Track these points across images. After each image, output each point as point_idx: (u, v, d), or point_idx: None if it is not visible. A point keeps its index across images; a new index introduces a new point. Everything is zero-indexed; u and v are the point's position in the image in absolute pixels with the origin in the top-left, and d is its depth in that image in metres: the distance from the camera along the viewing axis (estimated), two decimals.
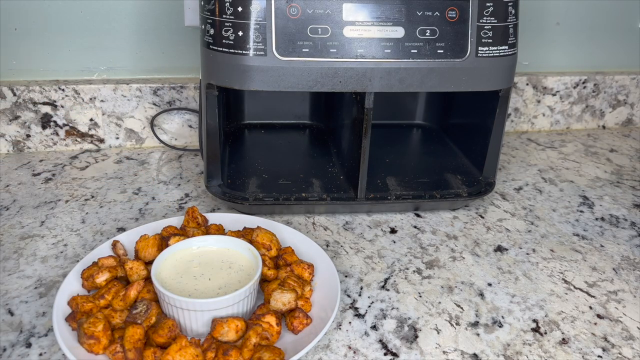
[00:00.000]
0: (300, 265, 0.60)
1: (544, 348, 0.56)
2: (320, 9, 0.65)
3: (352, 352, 0.54)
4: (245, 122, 1.00)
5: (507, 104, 0.76)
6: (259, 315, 0.54)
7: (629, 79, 1.12)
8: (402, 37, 0.67)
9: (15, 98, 0.88)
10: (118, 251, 0.63)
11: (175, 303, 0.52)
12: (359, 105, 0.72)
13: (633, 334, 0.58)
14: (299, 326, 0.54)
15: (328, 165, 0.85)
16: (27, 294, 0.60)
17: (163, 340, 0.50)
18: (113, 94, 0.92)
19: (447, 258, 0.70)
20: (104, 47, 0.92)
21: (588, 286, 0.66)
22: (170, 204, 0.79)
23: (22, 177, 0.84)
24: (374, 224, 0.76)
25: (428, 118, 1.03)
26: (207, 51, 0.67)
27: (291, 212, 0.77)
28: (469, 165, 0.87)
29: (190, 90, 0.94)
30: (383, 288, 0.64)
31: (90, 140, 0.94)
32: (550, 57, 1.10)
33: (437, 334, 0.57)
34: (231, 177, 0.80)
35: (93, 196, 0.80)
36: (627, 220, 0.80)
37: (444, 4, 0.67)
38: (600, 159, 1.01)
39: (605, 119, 1.16)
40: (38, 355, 0.52)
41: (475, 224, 0.77)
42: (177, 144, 0.98)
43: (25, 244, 0.68)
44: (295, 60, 0.65)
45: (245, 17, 0.64)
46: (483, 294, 0.63)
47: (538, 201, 0.85)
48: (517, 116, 1.10)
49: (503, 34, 0.70)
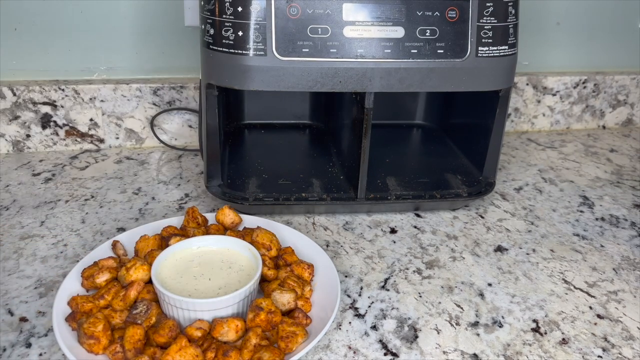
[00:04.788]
0: (300, 265, 0.60)
1: (544, 348, 0.56)
2: (320, 9, 0.65)
3: (352, 352, 0.54)
4: (245, 122, 1.00)
5: (507, 104, 0.76)
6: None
7: (629, 79, 1.12)
8: (402, 37, 0.67)
9: (15, 98, 0.88)
10: (118, 251, 0.63)
11: (175, 303, 0.52)
12: (359, 105, 0.72)
13: (633, 334, 0.58)
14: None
15: (328, 165, 0.85)
16: (27, 294, 0.60)
17: (163, 340, 0.50)
18: (113, 94, 0.92)
19: (447, 258, 0.69)
20: (104, 47, 0.92)
21: (588, 286, 0.66)
22: (170, 204, 0.79)
23: (22, 177, 0.84)
24: (374, 224, 0.76)
25: (428, 118, 1.03)
26: (207, 51, 0.67)
27: (291, 212, 0.77)
28: (469, 165, 0.87)
29: (190, 90, 0.94)
30: (383, 288, 0.64)
31: (90, 140, 0.94)
32: (550, 57, 1.10)
33: (437, 334, 0.57)
34: (231, 177, 0.80)
35: (93, 196, 0.80)
36: (627, 220, 0.80)
37: (444, 4, 0.67)
38: (600, 159, 1.01)
39: (605, 119, 1.16)
40: (38, 355, 0.52)
41: (475, 224, 0.77)
42: (177, 144, 0.98)
43: (25, 244, 0.68)
44: (295, 60, 0.65)
45: (245, 17, 0.64)
46: (483, 294, 0.63)
47: (538, 201, 0.85)
48: (517, 116, 1.10)
49: (503, 34, 0.70)
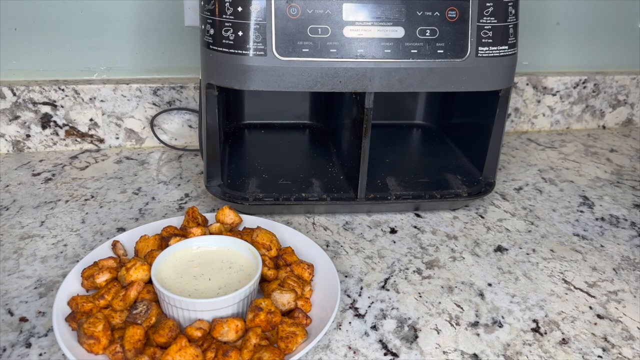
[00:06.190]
0: (300, 266, 0.60)
1: (544, 348, 0.56)
2: (320, 9, 0.65)
3: (352, 352, 0.54)
4: (245, 122, 1.00)
5: (507, 104, 0.76)
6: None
7: (629, 79, 1.12)
8: (402, 37, 0.67)
9: (15, 98, 0.88)
10: (118, 251, 0.63)
11: (175, 303, 0.52)
12: (359, 105, 0.72)
13: (633, 334, 0.58)
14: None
15: (328, 165, 0.85)
16: (27, 294, 0.60)
17: (163, 340, 0.50)
18: (113, 94, 0.92)
19: (447, 258, 0.69)
20: (104, 47, 0.92)
21: (588, 286, 0.66)
22: (170, 204, 0.79)
23: (22, 177, 0.84)
24: (374, 224, 0.76)
25: (428, 118, 1.03)
26: (207, 51, 0.67)
27: (291, 212, 0.77)
28: (469, 165, 0.87)
29: (190, 90, 0.94)
30: (383, 288, 0.64)
31: (90, 140, 0.94)
32: (550, 57, 1.10)
33: (437, 334, 0.57)
34: (231, 177, 0.80)
35: (93, 196, 0.80)
36: (627, 220, 0.80)
37: (444, 4, 0.67)
38: (600, 159, 1.01)
39: (605, 119, 1.16)
40: (38, 355, 0.52)
41: (475, 224, 0.77)
42: (177, 144, 0.98)
43: (25, 244, 0.68)
44: (295, 60, 0.65)
45: (245, 17, 0.64)
46: (483, 294, 0.63)
47: (538, 201, 0.85)
48: (517, 116, 1.10)
49: (503, 34, 0.70)
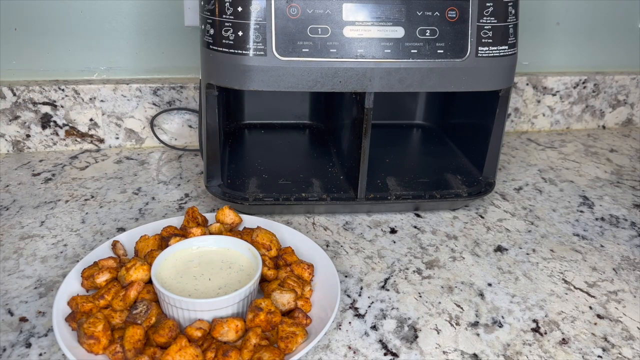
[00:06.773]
0: (300, 266, 0.60)
1: (544, 348, 0.56)
2: (320, 9, 0.65)
3: (352, 352, 0.54)
4: (245, 122, 1.00)
5: (507, 104, 0.76)
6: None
7: (629, 79, 1.12)
8: (402, 37, 0.67)
9: (15, 98, 0.88)
10: (118, 251, 0.63)
11: (175, 303, 0.52)
12: (359, 105, 0.72)
13: (633, 334, 0.58)
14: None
15: (328, 165, 0.85)
16: (27, 294, 0.60)
17: (163, 340, 0.50)
18: (113, 94, 0.92)
19: (447, 258, 0.69)
20: (104, 47, 0.92)
21: (588, 286, 0.66)
22: (170, 204, 0.79)
23: (22, 177, 0.84)
24: (374, 224, 0.76)
25: (428, 118, 1.03)
26: (207, 51, 0.67)
27: (291, 212, 0.77)
28: (469, 165, 0.87)
29: (190, 90, 0.94)
30: (383, 288, 0.64)
31: (90, 140, 0.94)
32: (550, 57, 1.10)
33: (437, 334, 0.57)
34: (231, 177, 0.80)
35: (93, 196, 0.80)
36: (627, 220, 0.80)
37: (444, 4, 0.67)
38: (600, 159, 1.01)
39: (605, 119, 1.16)
40: (38, 355, 0.52)
41: (475, 224, 0.77)
42: (177, 144, 0.98)
43: (25, 244, 0.68)
44: (295, 60, 0.65)
45: (245, 17, 0.64)
46: (483, 294, 0.63)
47: (538, 201, 0.85)
48: (517, 116, 1.10)
49: (503, 34, 0.70)
